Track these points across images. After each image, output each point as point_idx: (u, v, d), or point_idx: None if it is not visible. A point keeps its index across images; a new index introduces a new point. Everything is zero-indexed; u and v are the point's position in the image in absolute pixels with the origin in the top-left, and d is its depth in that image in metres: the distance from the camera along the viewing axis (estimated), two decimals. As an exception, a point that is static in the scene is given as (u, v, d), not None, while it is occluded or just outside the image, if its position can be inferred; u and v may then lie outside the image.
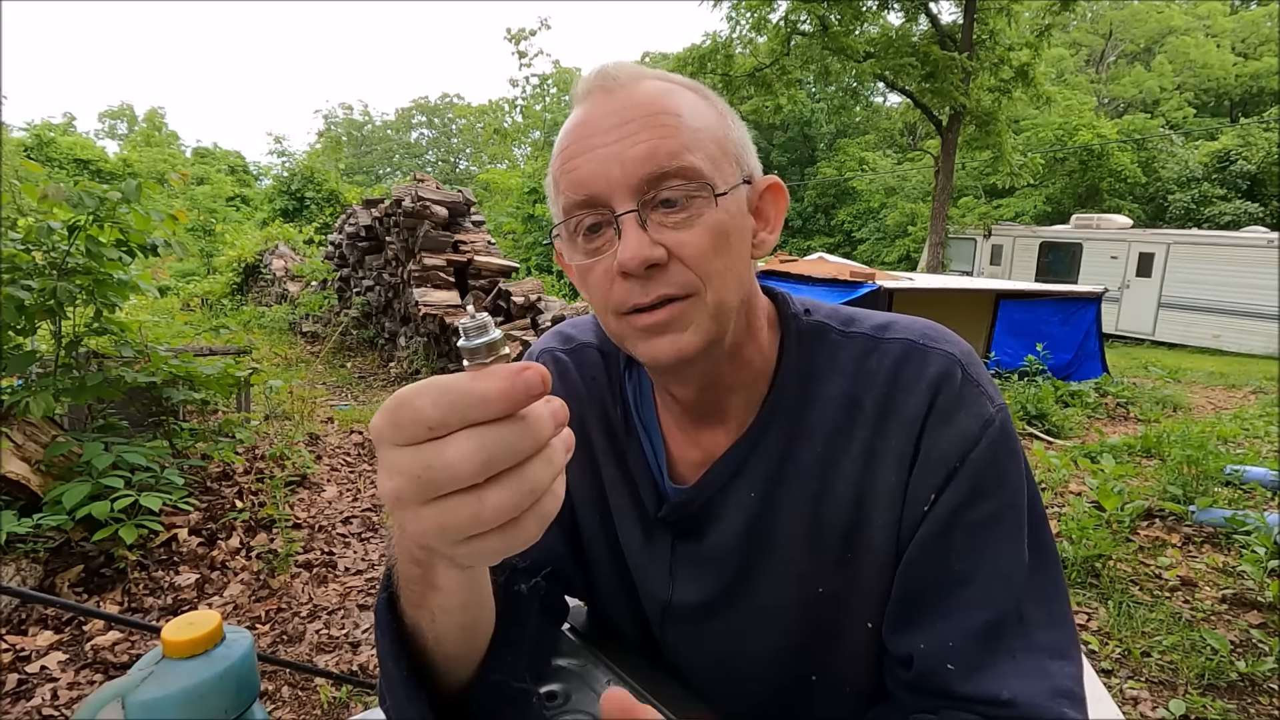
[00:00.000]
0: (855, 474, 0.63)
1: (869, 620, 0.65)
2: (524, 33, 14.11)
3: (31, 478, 2.71)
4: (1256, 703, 2.24)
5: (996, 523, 0.59)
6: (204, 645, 0.51)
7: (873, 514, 0.62)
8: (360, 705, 2.20)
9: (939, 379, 0.61)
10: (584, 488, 0.75)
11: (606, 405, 0.74)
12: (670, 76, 0.62)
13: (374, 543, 3.31)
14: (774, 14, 13.50)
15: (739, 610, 0.68)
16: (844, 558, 0.64)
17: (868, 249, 24.26)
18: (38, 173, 3.25)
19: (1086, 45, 30.66)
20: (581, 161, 0.57)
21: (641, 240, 0.55)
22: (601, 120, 0.57)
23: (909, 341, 0.64)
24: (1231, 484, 3.97)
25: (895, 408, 0.62)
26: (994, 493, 0.59)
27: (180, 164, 27.54)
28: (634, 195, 0.56)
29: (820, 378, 0.66)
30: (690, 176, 0.56)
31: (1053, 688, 0.56)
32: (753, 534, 0.66)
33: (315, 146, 38.07)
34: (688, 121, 0.57)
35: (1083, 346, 7.31)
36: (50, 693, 2.11)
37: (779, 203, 0.65)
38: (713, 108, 0.61)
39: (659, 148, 0.55)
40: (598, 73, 0.60)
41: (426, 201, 7.28)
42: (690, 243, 0.56)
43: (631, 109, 0.57)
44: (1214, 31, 27.91)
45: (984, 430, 0.60)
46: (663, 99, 0.58)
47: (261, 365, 5.79)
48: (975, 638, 0.57)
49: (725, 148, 0.60)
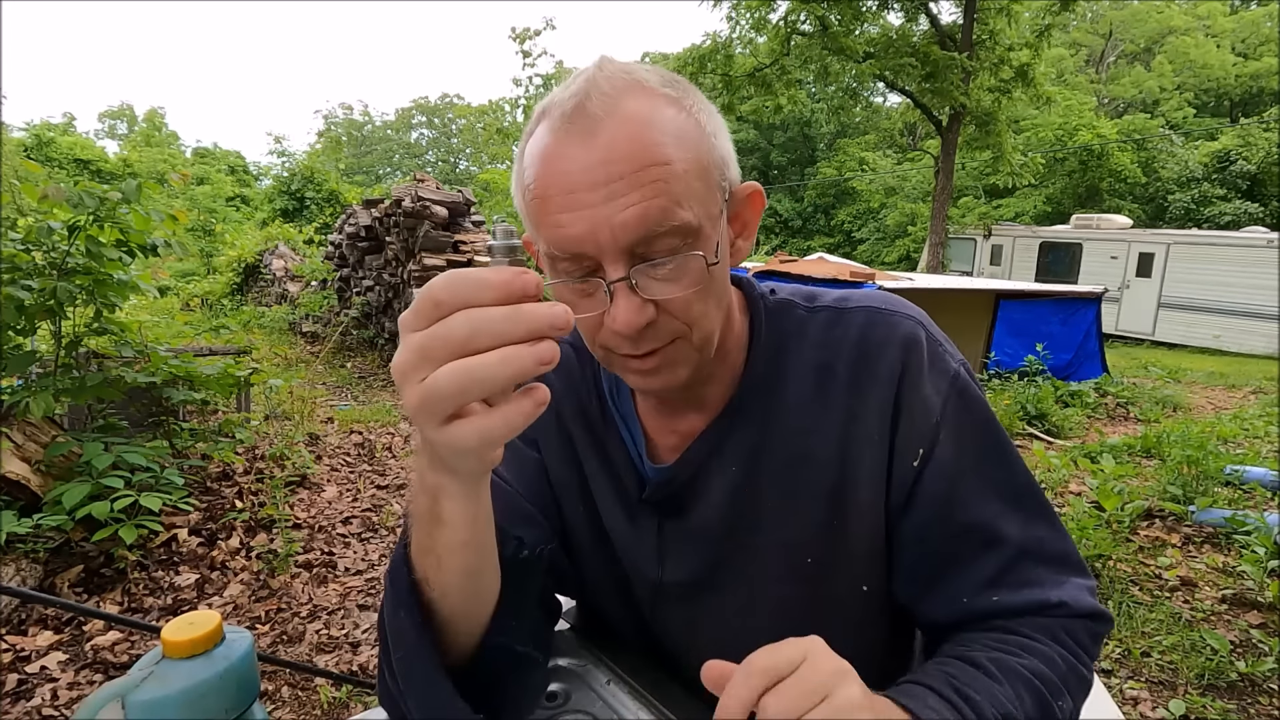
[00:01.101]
0: (835, 435, 0.65)
1: (864, 583, 0.67)
2: (529, 32, 14.10)
3: (31, 478, 2.71)
4: (1256, 703, 2.24)
5: (991, 460, 0.65)
6: (204, 645, 0.51)
7: (857, 472, 0.65)
8: (360, 705, 2.20)
9: (908, 339, 0.66)
10: (567, 481, 0.76)
11: (583, 398, 0.75)
12: (649, 86, 0.56)
13: (374, 543, 3.31)
14: (774, 14, 13.50)
15: (730, 584, 0.69)
16: (831, 523, 0.66)
17: (868, 249, 24.28)
18: (38, 173, 3.25)
19: (1086, 45, 30.66)
20: (568, 220, 0.54)
21: (634, 307, 0.55)
22: (586, 174, 0.53)
23: (871, 308, 0.69)
24: (1231, 484, 3.97)
25: (869, 368, 0.65)
26: (978, 435, 0.65)
27: (180, 164, 27.53)
28: (625, 261, 0.54)
29: (791, 351, 0.68)
30: (681, 234, 0.55)
31: (1086, 585, 0.64)
32: (737, 508, 0.68)
33: (315, 147, 38.07)
34: (676, 168, 0.54)
35: (1082, 346, 7.31)
36: (50, 693, 2.11)
37: (755, 208, 0.65)
38: (695, 124, 0.57)
39: (649, 209, 0.53)
40: (575, 106, 0.54)
41: (426, 201, 7.28)
42: (679, 296, 0.57)
43: (618, 162, 0.52)
44: (1214, 31, 27.92)
45: (953, 384, 0.65)
46: (649, 140, 0.53)
47: (261, 365, 5.79)
48: (1008, 567, 0.63)
49: (709, 176, 0.57)
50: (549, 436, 0.76)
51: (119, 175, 19.58)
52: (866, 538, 0.66)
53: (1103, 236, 13.41)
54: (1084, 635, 0.63)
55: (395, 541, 3.29)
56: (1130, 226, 13.88)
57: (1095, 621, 0.64)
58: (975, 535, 0.63)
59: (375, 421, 5.34)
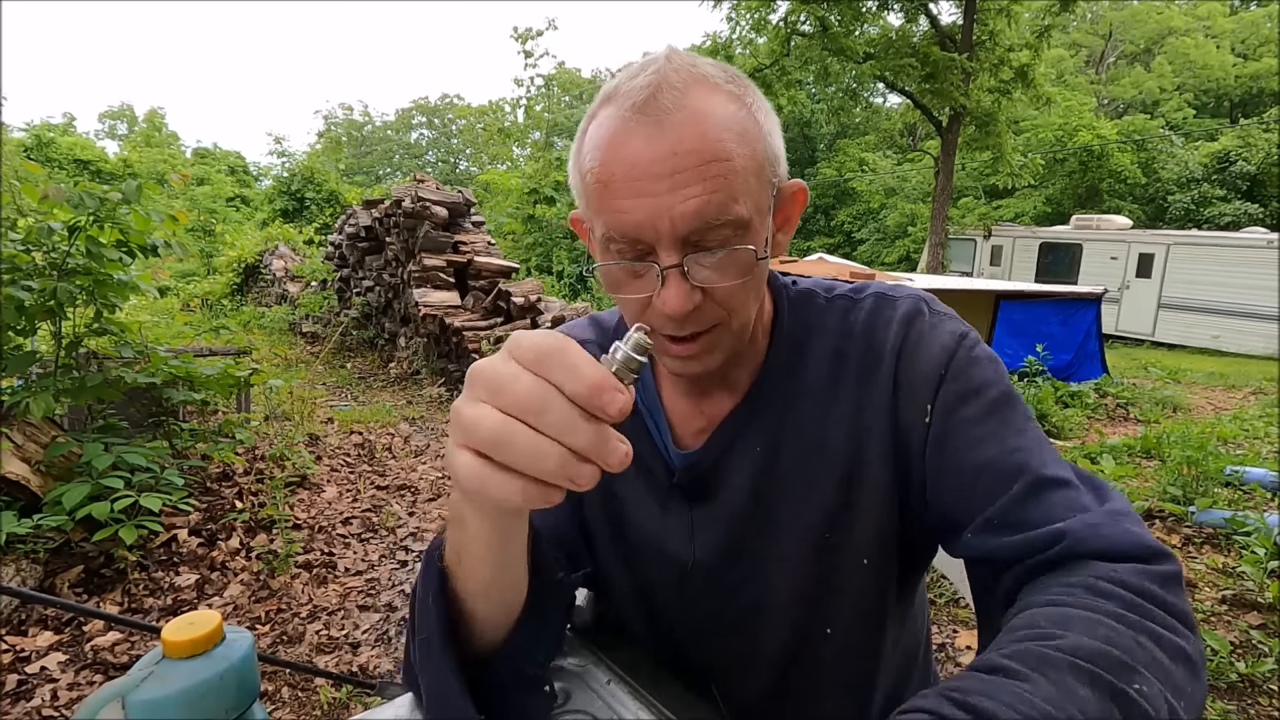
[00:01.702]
0: (846, 420, 0.68)
1: (864, 557, 0.69)
2: (530, 32, 14.11)
3: (31, 478, 2.71)
4: (1256, 704, 2.24)
5: (994, 411, 0.63)
6: (204, 645, 0.51)
7: (866, 453, 0.67)
8: (360, 705, 2.20)
9: (908, 315, 0.69)
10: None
11: None
12: (715, 81, 0.59)
13: (374, 543, 3.31)
14: (774, 15, 13.51)
15: (756, 561, 0.72)
16: (848, 505, 0.68)
17: (867, 249, 24.27)
18: (38, 173, 3.25)
19: (1086, 46, 30.67)
20: (630, 205, 0.56)
21: (684, 292, 0.58)
22: (653, 165, 0.55)
23: (879, 294, 0.72)
24: (1231, 485, 3.96)
25: (874, 350, 0.68)
26: (981, 389, 0.64)
27: (180, 164, 27.53)
28: (680, 248, 0.57)
29: (811, 339, 0.72)
30: (735, 227, 0.57)
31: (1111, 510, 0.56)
32: (761, 489, 0.70)
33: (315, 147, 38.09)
34: (736, 163, 0.57)
35: (1082, 347, 7.31)
36: (50, 693, 2.11)
37: (799, 204, 0.67)
38: (754, 121, 0.60)
39: (709, 202, 0.55)
40: (647, 97, 0.56)
41: (426, 202, 7.29)
42: (725, 285, 0.60)
43: (685, 155, 0.55)
44: (1214, 32, 27.92)
45: (959, 341, 0.66)
46: (714, 135, 0.56)
47: (261, 366, 5.79)
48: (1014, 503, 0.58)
49: (763, 173, 0.60)
50: None
51: (119, 176, 19.60)
52: (876, 513, 0.68)
53: (1103, 237, 13.41)
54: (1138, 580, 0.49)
55: (395, 542, 3.30)
56: (1130, 227, 13.88)
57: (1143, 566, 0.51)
58: (979, 481, 0.61)
59: (375, 422, 5.34)
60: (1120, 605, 0.47)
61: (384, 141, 49.49)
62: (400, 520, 3.55)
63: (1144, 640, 0.45)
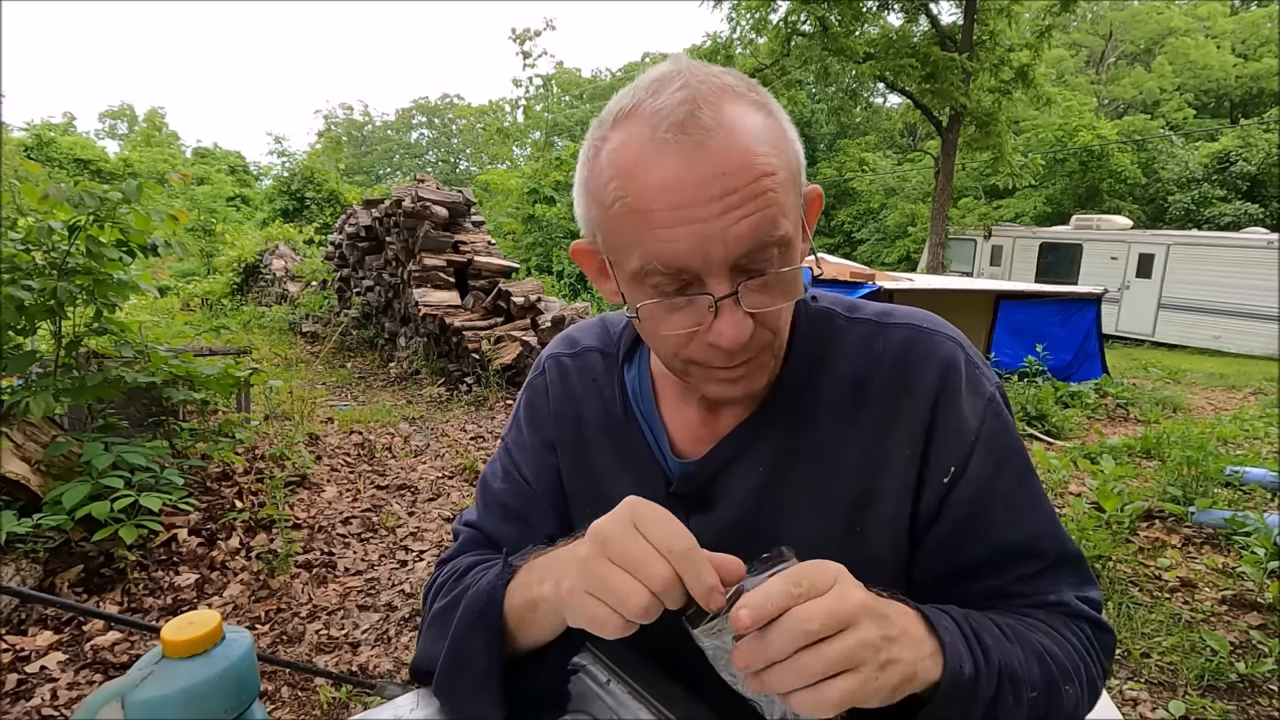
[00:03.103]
0: (865, 448, 0.66)
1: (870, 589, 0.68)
2: (529, 33, 14.14)
3: (31, 478, 2.71)
4: (1256, 704, 2.24)
5: (1021, 487, 0.67)
6: (204, 645, 0.51)
7: (884, 485, 0.66)
8: (360, 705, 2.20)
9: (948, 360, 0.67)
10: (580, 488, 0.78)
11: (606, 401, 0.77)
12: (739, 91, 0.55)
13: (373, 543, 3.31)
14: (774, 15, 13.51)
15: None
16: (853, 530, 0.67)
17: (868, 250, 24.27)
18: (38, 173, 3.25)
19: (1086, 46, 30.67)
20: (677, 234, 0.52)
21: (739, 322, 0.56)
22: (700, 188, 0.51)
23: (913, 325, 0.69)
24: (1231, 485, 3.97)
25: (906, 385, 0.66)
26: (1010, 462, 0.66)
27: (180, 164, 27.53)
28: (732, 276, 0.55)
29: (828, 359, 0.69)
30: (781, 245, 0.55)
31: (1088, 597, 0.67)
32: (763, 506, 0.68)
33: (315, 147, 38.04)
34: (780, 177, 0.54)
35: (1082, 347, 7.31)
36: (50, 693, 2.11)
37: (815, 210, 0.65)
38: (782, 130, 0.57)
39: (762, 221, 0.53)
40: (688, 114, 0.52)
41: (426, 202, 7.29)
42: (774, 310, 0.59)
43: (733, 174, 0.51)
44: (1214, 33, 27.92)
45: (989, 406, 0.67)
46: (758, 151, 0.53)
47: (261, 365, 5.79)
48: (1025, 580, 0.66)
49: (798, 183, 0.58)
50: (567, 443, 0.78)
51: (119, 175, 19.58)
52: (886, 548, 0.67)
53: (1103, 237, 13.41)
54: (1092, 639, 0.65)
55: (395, 542, 3.29)
56: (1130, 227, 13.88)
57: (1096, 629, 0.66)
58: (1000, 554, 0.66)
59: (375, 422, 5.34)
60: (1078, 641, 0.64)
61: (384, 141, 49.49)
62: (400, 520, 3.55)
63: (1079, 666, 0.62)
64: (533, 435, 0.81)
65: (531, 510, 0.78)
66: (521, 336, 6.35)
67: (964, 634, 0.56)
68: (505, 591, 0.64)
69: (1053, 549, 0.66)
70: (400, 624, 2.65)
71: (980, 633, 0.57)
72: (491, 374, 6.18)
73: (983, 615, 0.61)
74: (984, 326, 7.09)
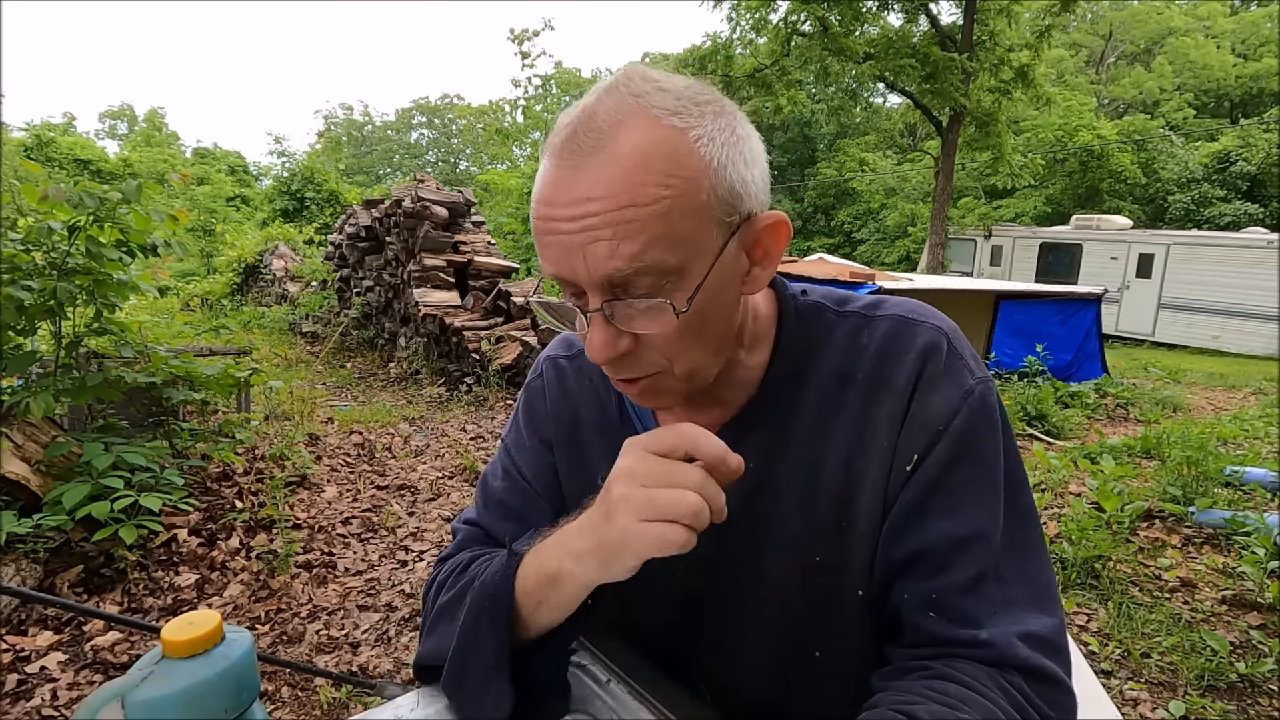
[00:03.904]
0: (848, 442, 0.66)
1: (859, 588, 0.67)
2: (527, 33, 14.14)
3: (31, 478, 2.71)
4: (1256, 704, 2.24)
5: (973, 486, 0.62)
6: (204, 645, 0.51)
7: (864, 480, 0.65)
8: (360, 705, 2.20)
9: (927, 349, 0.65)
10: (577, 488, 0.78)
11: (603, 401, 0.78)
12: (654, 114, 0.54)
13: (374, 543, 3.31)
14: (774, 15, 13.52)
15: (742, 575, 0.71)
16: (840, 526, 0.66)
17: (868, 249, 24.27)
18: (38, 173, 3.25)
19: (1086, 46, 30.67)
20: (548, 242, 0.56)
21: (606, 338, 0.57)
22: (567, 209, 0.54)
23: (898, 316, 0.68)
24: (1231, 485, 3.97)
25: (886, 376, 0.65)
26: (972, 459, 0.63)
27: (180, 164, 27.53)
28: (600, 291, 0.55)
29: (816, 354, 0.69)
30: (658, 274, 0.54)
31: (1027, 633, 0.59)
32: (751, 504, 0.68)
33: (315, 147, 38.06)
34: (656, 208, 0.52)
35: (1082, 347, 7.32)
36: (50, 693, 2.11)
37: (779, 237, 0.61)
38: (696, 158, 0.54)
39: (619, 250, 0.53)
40: (567, 137, 0.54)
41: (426, 202, 7.29)
42: (657, 334, 0.57)
43: (596, 200, 0.52)
44: (1214, 32, 27.92)
45: (964, 400, 0.63)
46: (631, 180, 0.52)
47: (261, 366, 5.79)
48: (956, 591, 0.61)
49: (705, 213, 0.55)
50: (564, 443, 0.79)
51: (119, 175, 19.59)
52: (865, 542, 0.66)
53: (1103, 237, 13.41)
54: (1026, 692, 0.57)
55: (395, 542, 3.30)
56: (1130, 227, 13.88)
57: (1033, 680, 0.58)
58: (936, 548, 0.62)
59: (375, 422, 5.35)
60: (1012, 707, 0.56)
61: (384, 141, 49.49)
62: (400, 520, 3.55)
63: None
64: (531, 436, 0.82)
65: (530, 509, 0.79)
66: (521, 336, 6.35)
67: None
68: (515, 579, 0.64)
69: (996, 557, 0.61)
70: (400, 624, 2.65)
71: None
72: (491, 374, 6.19)
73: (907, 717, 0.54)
74: (984, 326, 7.09)
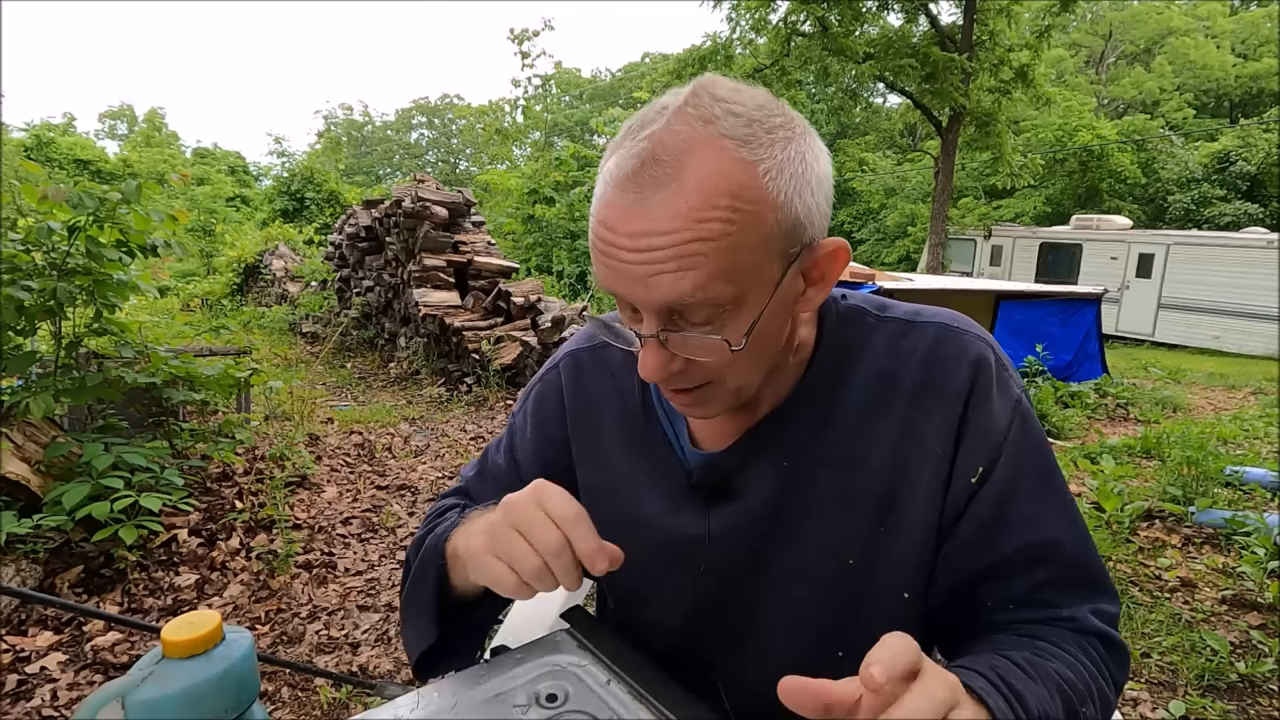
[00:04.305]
0: (892, 447, 0.66)
1: (905, 590, 0.68)
2: (527, 33, 14.15)
3: (31, 478, 2.71)
4: (1256, 704, 2.24)
5: (1040, 493, 0.66)
6: (204, 645, 0.51)
7: (911, 483, 0.66)
8: (360, 705, 2.20)
9: (978, 360, 0.67)
10: (595, 479, 0.79)
11: (626, 397, 0.78)
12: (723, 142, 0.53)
13: (374, 543, 3.31)
14: (774, 15, 13.52)
15: (771, 572, 0.71)
16: (877, 530, 0.67)
17: (868, 249, 24.28)
18: (37, 173, 3.25)
19: (1086, 46, 30.67)
20: (609, 264, 0.55)
21: (660, 361, 0.58)
22: (631, 239, 0.53)
23: (942, 324, 0.69)
24: (1231, 485, 3.97)
25: (936, 385, 0.66)
26: (1033, 467, 0.66)
27: (180, 164, 27.52)
28: (658, 319, 0.56)
29: (856, 358, 0.69)
30: (716, 305, 0.55)
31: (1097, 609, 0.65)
32: (785, 501, 0.69)
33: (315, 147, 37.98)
34: (722, 242, 0.52)
35: (1083, 347, 7.31)
36: (50, 693, 2.11)
37: (838, 263, 0.61)
38: (761, 191, 0.53)
39: (681, 282, 0.53)
40: (635, 168, 0.53)
41: (426, 202, 7.29)
42: (709, 358, 0.58)
43: (661, 234, 0.52)
44: (1214, 32, 27.92)
45: (1015, 410, 0.67)
46: (699, 216, 0.52)
47: (261, 366, 5.79)
48: (1038, 588, 0.65)
49: (768, 246, 0.55)
50: (582, 438, 0.80)
51: (119, 176, 19.59)
52: (914, 547, 0.67)
53: (1103, 237, 13.41)
54: (1102, 654, 0.64)
55: (395, 542, 3.29)
56: (1130, 227, 13.89)
57: (1108, 645, 0.65)
58: (1019, 556, 0.65)
59: (375, 422, 5.35)
60: (1090, 661, 0.63)
61: (384, 141, 49.49)
62: (400, 520, 3.55)
63: (1093, 688, 0.62)
64: (535, 429, 0.83)
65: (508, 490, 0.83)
66: (521, 337, 6.35)
67: (1002, 693, 0.56)
68: (447, 543, 0.70)
69: (1071, 555, 0.66)
70: (400, 624, 2.65)
71: (1011, 681, 0.57)
72: (491, 374, 6.19)
73: (1005, 659, 0.60)
74: (984, 326, 7.04)
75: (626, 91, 29.61)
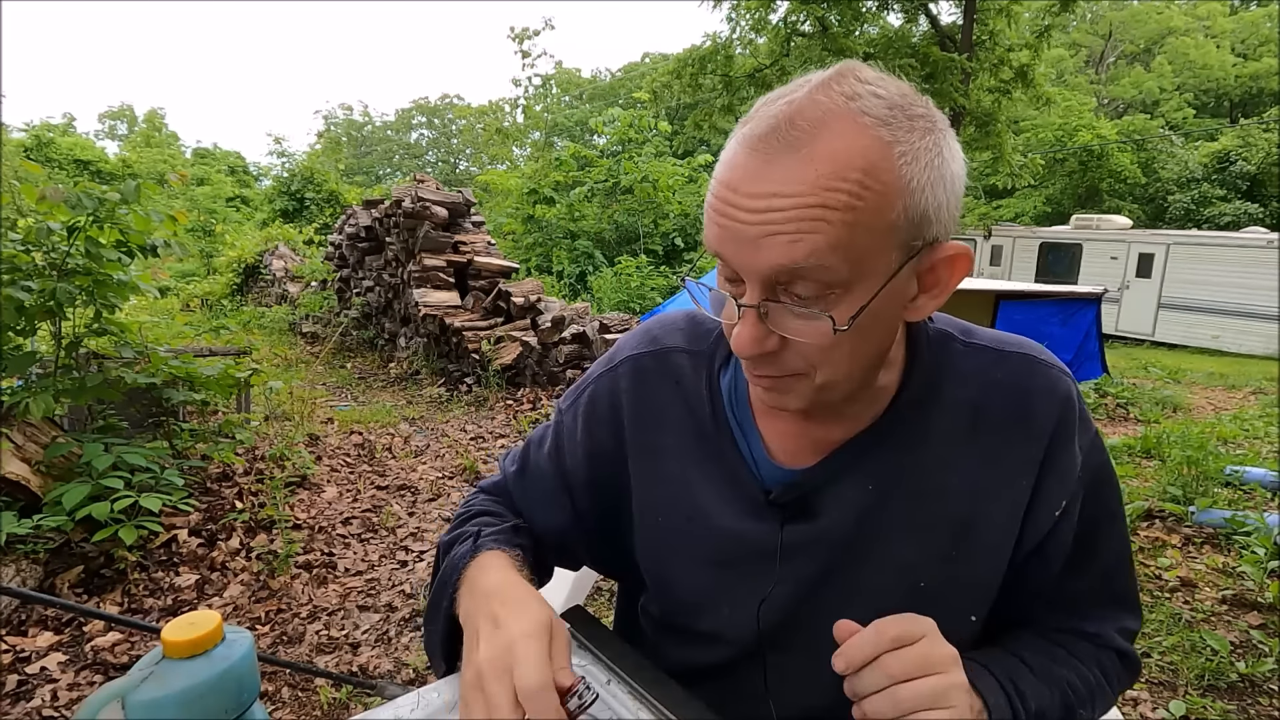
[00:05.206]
0: (973, 475, 0.67)
1: (972, 613, 0.71)
2: (527, 32, 14.17)
3: (31, 478, 2.71)
4: (1256, 704, 2.24)
5: (1110, 521, 0.73)
6: (204, 645, 0.51)
7: (990, 514, 0.68)
8: (360, 706, 2.20)
9: (1066, 397, 0.69)
10: (654, 494, 0.76)
11: (693, 405, 0.75)
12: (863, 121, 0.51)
13: (374, 543, 3.31)
14: (774, 15, 13.51)
15: (840, 590, 0.70)
16: (950, 555, 0.68)
17: (868, 250, 24.26)
18: (37, 173, 3.25)
19: (1086, 46, 30.68)
20: (722, 224, 0.54)
21: (754, 335, 0.55)
22: (751, 200, 0.51)
23: (1028, 355, 0.72)
24: (1231, 485, 3.97)
25: (1026, 417, 0.68)
26: (1105, 499, 0.72)
27: (180, 165, 27.53)
28: (762, 287, 0.54)
29: (946, 384, 0.69)
30: (825, 281, 0.52)
31: (1122, 627, 0.74)
32: (864, 523, 0.68)
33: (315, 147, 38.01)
34: (845, 215, 0.50)
35: (1083, 347, 7.31)
36: (50, 693, 2.11)
37: (957, 269, 0.59)
38: (895, 174, 0.51)
39: (795, 247, 0.51)
40: (769, 129, 0.52)
41: (426, 202, 7.29)
42: (808, 340, 0.55)
43: (784, 196, 0.50)
44: (1214, 32, 27.93)
45: (1094, 443, 0.71)
46: (825, 184, 0.50)
47: (261, 366, 5.79)
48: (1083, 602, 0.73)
49: (892, 234, 0.53)
50: (640, 448, 0.77)
51: (119, 176, 19.60)
52: (986, 574, 0.69)
53: (1103, 237, 13.42)
54: (1115, 667, 0.72)
55: (395, 543, 3.30)
56: (1130, 227, 13.89)
57: (1122, 659, 0.73)
58: (1082, 581, 0.72)
59: (375, 422, 5.35)
60: (1100, 671, 0.72)
61: (384, 141, 49.48)
62: (400, 520, 3.55)
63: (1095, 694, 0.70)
64: (585, 433, 0.80)
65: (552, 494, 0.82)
66: (521, 337, 6.35)
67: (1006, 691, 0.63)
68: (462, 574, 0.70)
69: (1115, 576, 0.73)
70: (400, 624, 2.65)
71: (1020, 683, 0.65)
72: (491, 374, 6.19)
73: (1014, 658, 0.67)
74: (984, 326, 7.08)
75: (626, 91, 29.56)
